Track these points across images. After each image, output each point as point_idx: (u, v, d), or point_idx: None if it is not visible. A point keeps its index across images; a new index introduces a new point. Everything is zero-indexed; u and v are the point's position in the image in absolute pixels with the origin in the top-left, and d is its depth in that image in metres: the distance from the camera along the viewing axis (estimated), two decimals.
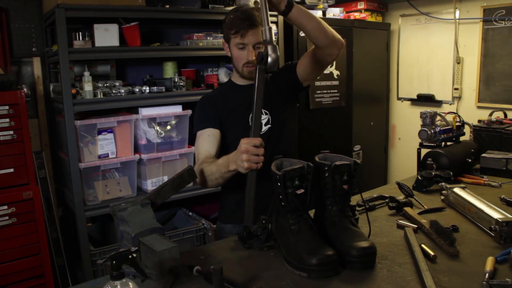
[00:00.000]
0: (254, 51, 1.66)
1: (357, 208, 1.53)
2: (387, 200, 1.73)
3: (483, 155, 2.14)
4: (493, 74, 3.43)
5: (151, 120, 2.69)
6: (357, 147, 3.89)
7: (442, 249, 1.31)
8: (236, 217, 1.75)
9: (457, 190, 1.69)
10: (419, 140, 2.18)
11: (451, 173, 1.90)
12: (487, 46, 3.44)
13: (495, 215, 1.42)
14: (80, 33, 2.48)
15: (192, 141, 2.90)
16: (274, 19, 3.08)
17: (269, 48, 1.37)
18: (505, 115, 2.50)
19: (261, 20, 1.61)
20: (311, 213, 1.40)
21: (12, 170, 2.28)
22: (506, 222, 1.35)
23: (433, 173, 1.90)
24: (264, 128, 1.73)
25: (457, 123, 2.24)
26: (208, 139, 1.68)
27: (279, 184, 1.24)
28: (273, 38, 1.40)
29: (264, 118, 1.74)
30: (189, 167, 1.48)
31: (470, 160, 2.12)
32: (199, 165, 1.60)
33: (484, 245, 1.35)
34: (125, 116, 2.63)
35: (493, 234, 1.39)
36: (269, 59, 1.36)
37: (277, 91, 1.76)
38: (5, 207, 2.26)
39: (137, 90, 2.66)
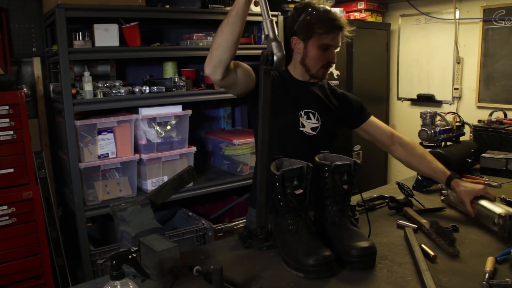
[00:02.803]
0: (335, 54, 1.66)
1: (357, 208, 1.53)
2: (387, 200, 1.74)
3: (483, 155, 2.14)
4: (493, 74, 3.43)
5: (151, 120, 2.69)
6: (357, 147, 3.89)
7: (442, 249, 1.31)
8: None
9: None
10: (419, 140, 2.18)
11: None
12: (487, 46, 3.44)
13: (498, 210, 1.42)
14: (80, 33, 2.48)
15: (192, 141, 2.93)
16: (274, 18, 3.07)
17: (273, 46, 1.19)
18: (505, 115, 2.50)
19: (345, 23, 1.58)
20: (311, 213, 1.41)
21: (12, 170, 2.27)
22: (510, 216, 1.35)
23: None
24: (315, 123, 1.70)
25: (457, 123, 2.24)
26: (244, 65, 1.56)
27: (277, 184, 1.24)
28: (276, 33, 1.23)
29: (313, 114, 1.71)
30: (189, 167, 1.47)
31: (470, 160, 2.12)
32: None
33: (484, 245, 1.35)
34: (125, 116, 2.63)
35: (496, 230, 1.39)
36: (275, 58, 1.19)
37: (333, 107, 1.77)
38: (5, 207, 2.25)
39: (137, 90, 2.65)
